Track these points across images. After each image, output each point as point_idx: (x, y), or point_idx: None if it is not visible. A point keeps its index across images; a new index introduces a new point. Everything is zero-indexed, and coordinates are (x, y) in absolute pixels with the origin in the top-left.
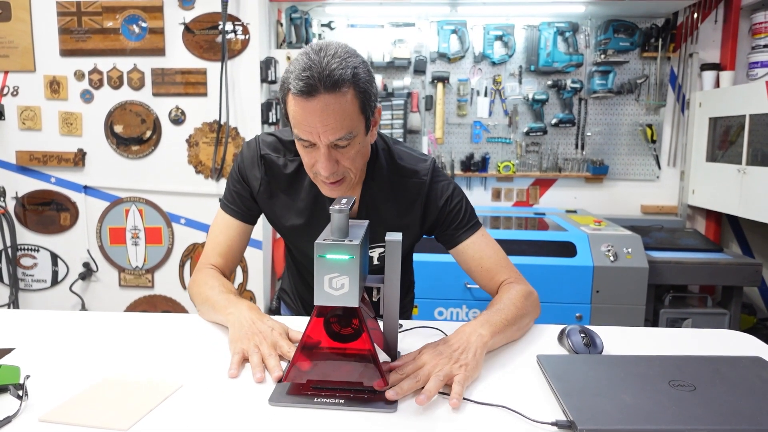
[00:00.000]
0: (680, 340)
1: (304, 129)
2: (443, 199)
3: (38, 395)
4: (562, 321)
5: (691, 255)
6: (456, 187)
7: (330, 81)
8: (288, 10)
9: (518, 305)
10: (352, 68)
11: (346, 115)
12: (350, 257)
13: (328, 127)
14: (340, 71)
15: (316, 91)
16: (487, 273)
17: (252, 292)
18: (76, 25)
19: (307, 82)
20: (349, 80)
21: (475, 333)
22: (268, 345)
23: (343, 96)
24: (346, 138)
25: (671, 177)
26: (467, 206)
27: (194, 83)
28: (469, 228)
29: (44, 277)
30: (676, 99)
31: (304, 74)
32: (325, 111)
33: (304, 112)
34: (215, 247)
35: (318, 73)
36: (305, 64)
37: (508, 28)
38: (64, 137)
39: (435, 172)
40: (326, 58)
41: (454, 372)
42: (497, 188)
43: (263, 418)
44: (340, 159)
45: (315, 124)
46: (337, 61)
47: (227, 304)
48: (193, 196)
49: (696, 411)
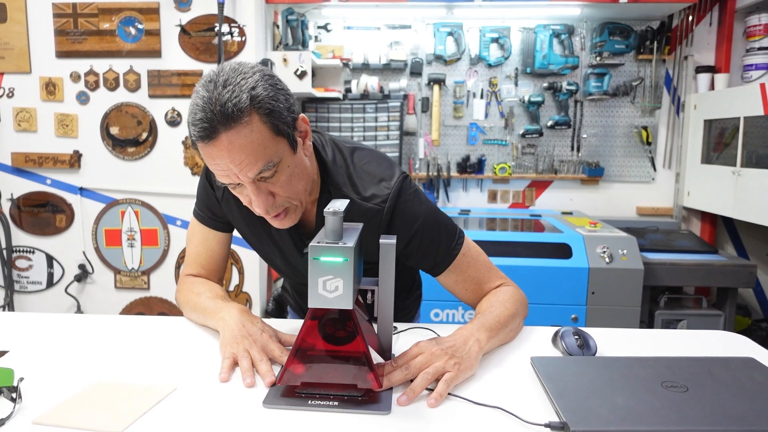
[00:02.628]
0: (674, 342)
1: (220, 173)
2: (411, 231)
3: (32, 398)
4: (557, 322)
5: (686, 257)
6: (428, 210)
7: (224, 116)
8: (284, 12)
9: (508, 307)
10: (248, 91)
11: (256, 146)
12: (344, 260)
13: (242, 164)
14: (234, 101)
15: (216, 132)
16: (473, 294)
17: (248, 294)
18: (72, 26)
19: (202, 125)
20: (247, 107)
21: (472, 337)
22: (258, 349)
23: (246, 126)
24: (267, 169)
25: (666, 179)
26: (442, 230)
27: (190, 85)
28: (447, 256)
29: (39, 278)
30: (671, 101)
31: (198, 117)
32: (231, 150)
33: (211, 157)
34: (196, 258)
35: (210, 111)
36: (197, 104)
37: (504, 30)
38: (59, 139)
39: (399, 197)
40: (216, 90)
41: (447, 369)
42: (493, 190)
43: (257, 420)
44: (272, 190)
45: (227, 165)
46: (229, 90)
47: (216, 308)
48: (189, 197)
49: (688, 412)
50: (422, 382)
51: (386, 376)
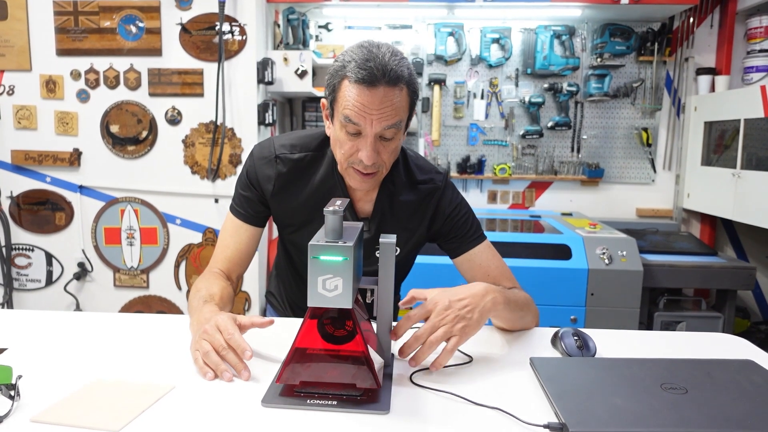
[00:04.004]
0: (673, 344)
1: (358, 114)
2: (452, 207)
3: (30, 395)
4: (556, 324)
5: (685, 258)
6: (464, 200)
7: (391, 75)
8: (285, 11)
9: (527, 298)
10: (407, 68)
11: (399, 107)
12: (344, 259)
13: (383, 115)
14: (399, 69)
15: (378, 82)
16: (492, 282)
17: (247, 293)
18: (73, 24)
19: (371, 72)
20: (406, 78)
21: (491, 294)
22: (218, 345)
23: (400, 91)
24: (395, 127)
25: (666, 180)
26: (474, 219)
27: (191, 84)
28: (474, 239)
29: (39, 276)
30: (672, 103)
31: (368, 64)
32: (383, 101)
33: (362, 98)
34: (223, 250)
35: (381, 65)
36: (366, 55)
37: (505, 31)
38: (59, 137)
39: (448, 183)
40: (386, 54)
41: (453, 333)
42: (493, 191)
43: (256, 419)
44: (381, 152)
45: (372, 111)
46: (396, 60)
47: (192, 312)
48: (189, 196)
49: (687, 414)
50: (427, 350)
51: (394, 331)
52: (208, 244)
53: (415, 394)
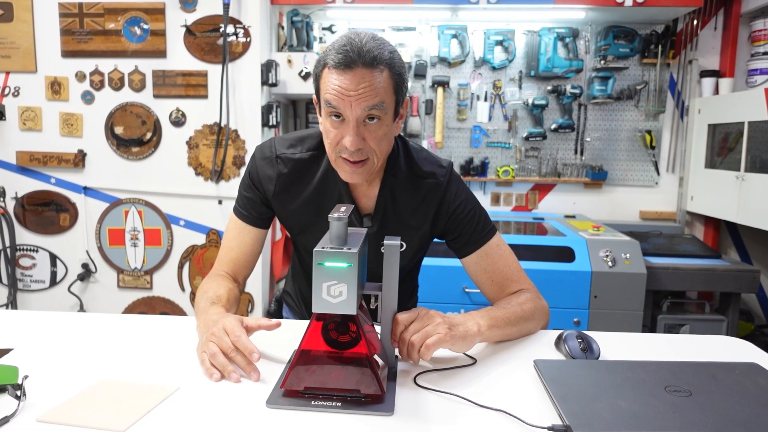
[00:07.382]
0: (677, 346)
1: (337, 97)
2: (456, 203)
3: (36, 396)
4: (560, 326)
5: (689, 261)
6: (470, 195)
7: (368, 57)
8: (289, 13)
9: (524, 308)
10: (388, 51)
11: (379, 88)
12: (348, 265)
13: (361, 96)
14: (378, 51)
15: (354, 64)
16: (497, 288)
17: (250, 294)
18: (78, 26)
19: (346, 55)
20: (386, 60)
21: (473, 319)
22: (226, 348)
23: (380, 72)
24: (377, 108)
25: (670, 183)
26: (480, 215)
27: (195, 85)
28: (481, 239)
29: (43, 277)
30: (676, 105)
31: (344, 48)
32: (361, 81)
33: (340, 81)
34: (228, 253)
35: (357, 48)
36: (344, 41)
37: (508, 33)
38: (64, 138)
39: (452, 177)
40: (365, 38)
41: (437, 331)
42: (496, 193)
43: (260, 420)
44: (366, 137)
45: (349, 92)
46: (376, 43)
47: (199, 313)
48: (193, 198)
49: (692, 417)
50: (412, 350)
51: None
52: (212, 246)
53: (419, 395)
